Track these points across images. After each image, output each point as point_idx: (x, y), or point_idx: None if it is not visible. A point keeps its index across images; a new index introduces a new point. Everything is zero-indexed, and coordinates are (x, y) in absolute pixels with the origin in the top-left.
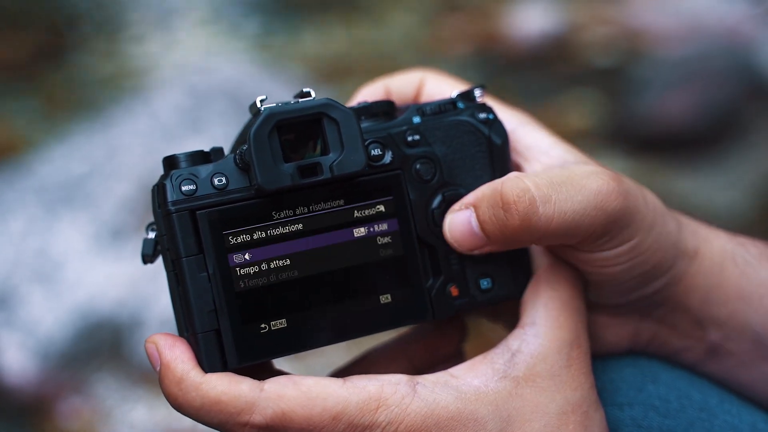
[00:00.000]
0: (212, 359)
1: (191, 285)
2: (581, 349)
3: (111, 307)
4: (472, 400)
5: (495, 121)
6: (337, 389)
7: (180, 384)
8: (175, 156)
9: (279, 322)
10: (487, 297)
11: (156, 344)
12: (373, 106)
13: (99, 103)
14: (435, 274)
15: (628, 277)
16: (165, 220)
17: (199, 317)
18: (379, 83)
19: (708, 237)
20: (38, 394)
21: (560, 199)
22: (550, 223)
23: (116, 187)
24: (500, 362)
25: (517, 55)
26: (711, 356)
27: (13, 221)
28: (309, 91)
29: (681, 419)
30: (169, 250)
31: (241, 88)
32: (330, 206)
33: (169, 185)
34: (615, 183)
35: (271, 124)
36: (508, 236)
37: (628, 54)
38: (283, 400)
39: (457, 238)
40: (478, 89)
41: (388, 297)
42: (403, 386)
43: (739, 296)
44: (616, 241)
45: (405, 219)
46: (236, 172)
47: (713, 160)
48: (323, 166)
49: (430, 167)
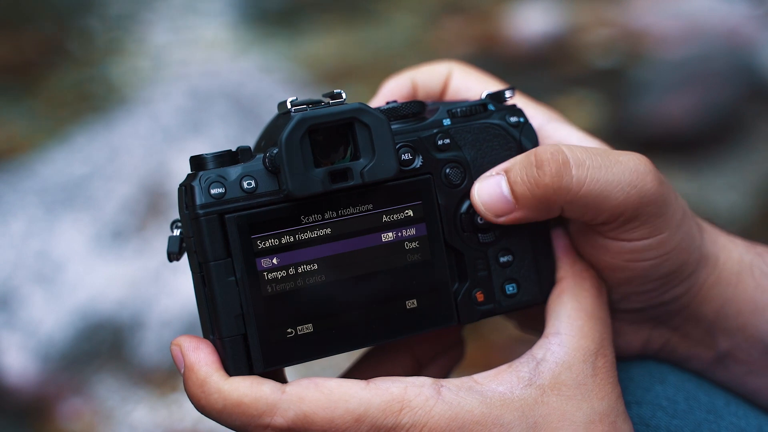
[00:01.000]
0: (238, 363)
1: (218, 289)
2: (606, 359)
3: (111, 308)
4: (497, 405)
5: (525, 125)
6: (360, 391)
7: (203, 386)
8: (203, 156)
9: (306, 327)
10: (512, 302)
11: (180, 346)
12: (403, 108)
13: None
14: (461, 279)
15: (653, 276)
16: (193, 223)
17: (226, 321)
18: (406, 76)
19: (727, 246)
20: (39, 395)
21: (594, 165)
22: (581, 186)
23: (117, 188)
24: (525, 370)
25: (518, 56)
26: (719, 363)
27: (14, 222)
28: (340, 92)
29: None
30: (196, 252)
31: (242, 90)
32: (358, 211)
33: (198, 187)
34: (652, 167)
35: (303, 129)
36: (538, 197)
37: (629, 55)
38: (304, 402)
39: (486, 201)
40: (509, 91)
41: (414, 302)
42: (428, 388)
43: (753, 309)
44: (646, 229)
45: (433, 224)
46: (265, 175)
47: (714, 161)
48: (354, 171)
49: (460, 171)
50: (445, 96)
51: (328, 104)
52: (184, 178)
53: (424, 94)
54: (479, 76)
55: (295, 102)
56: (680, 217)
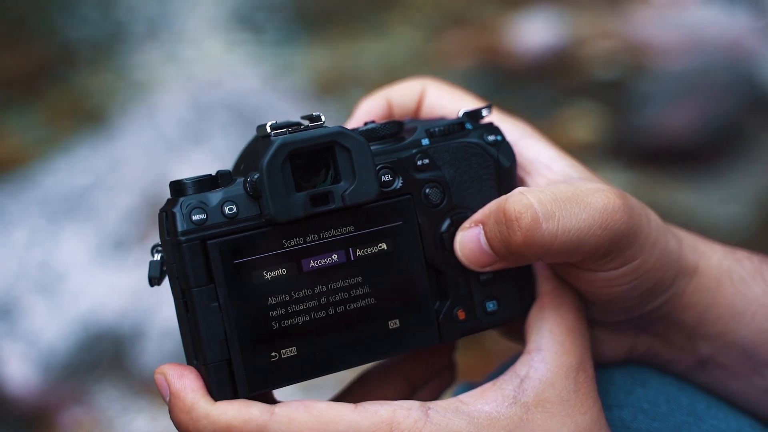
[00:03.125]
0: (223, 388)
1: (202, 316)
2: (587, 374)
3: (113, 318)
4: (484, 425)
5: (503, 143)
6: (349, 413)
7: (190, 413)
8: (182, 182)
9: (289, 350)
10: (493, 319)
11: (165, 374)
12: (381, 129)
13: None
14: (442, 298)
15: (631, 296)
16: (175, 249)
17: (210, 347)
18: (380, 95)
19: (706, 252)
20: (40, 404)
21: (564, 216)
22: (554, 239)
23: (119, 198)
24: (509, 388)
25: (520, 68)
26: (700, 367)
27: (16, 232)
28: (319, 114)
29: (669, 422)
30: (178, 278)
31: (244, 101)
32: (340, 233)
33: (179, 214)
34: (620, 201)
35: (283, 154)
36: (513, 252)
37: (631, 67)
38: (294, 423)
39: (468, 255)
40: (486, 109)
41: (396, 322)
42: (416, 411)
43: (732, 314)
44: (619, 260)
45: (414, 244)
46: (246, 200)
47: (715, 173)
48: (335, 194)
49: (439, 191)
50: (420, 113)
51: (307, 127)
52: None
53: (399, 111)
54: (453, 92)
55: (274, 125)
56: (654, 239)
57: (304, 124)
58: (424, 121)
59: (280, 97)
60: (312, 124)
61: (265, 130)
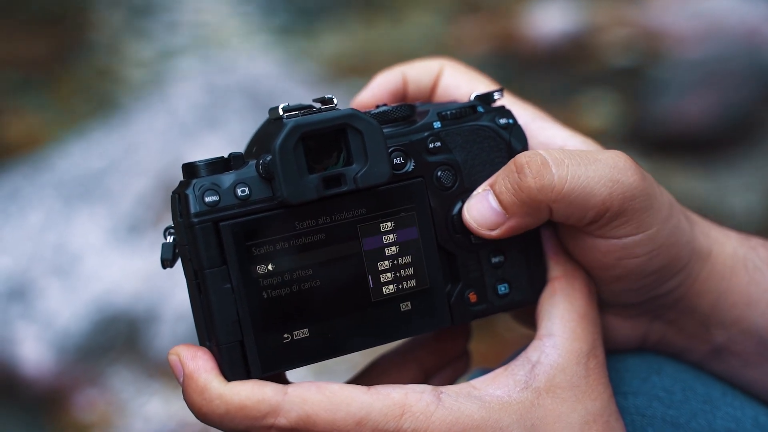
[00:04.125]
0: (236, 369)
1: (214, 297)
2: (598, 360)
3: (127, 301)
4: (496, 409)
5: (515, 126)
6: (361, 395)
7: (203, 393)
8: (195, 164)
9: (302, 332)
10: (505, 302)
11: (178, 355)
12: (393, 111)
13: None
14: (454, 280)
15: (645, 272)
16: (188, 231)
17: (223, 328)
18: (397, 71)
19: (720, 239)
20: (55, 385)
21: (573, 163)
22: (564, 182)
23: (134, 182)
24: (521, 373)
25: (535, 55)
26: (715, 356)
27: (32, 215)
28: (331, 97)
29: (684, 410)
30: (191, 260)
31: (259, 86)
32: (352, 215)
33: (192, 196)
34: (631, 162)
35: (296, 136)
36: (524, 201)
37: (647, 55)
38: (307, 403)
39: (476, 217)
40: (498, 92)
41: (408, 304)
42: (428, 395)
43: (746, 302)
44: (633, 225)
45: (426, 227)
46: (259, 182)
47: (730, 162)
48: (347, 177)
49: (451, 174)
50: (435, 93)
51: (319, 110)
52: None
53: (414, 89)
54: (470, 74)
55: (286, 108)
56: (667, 211)
57: (316, 106)
58: (436, 105)
59: (294, 82)
60: (324, 106)
61: (278, 112)
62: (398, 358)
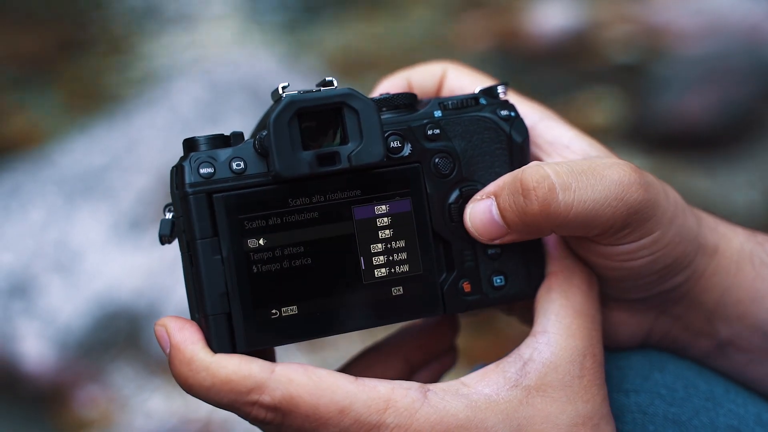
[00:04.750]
0: (221, 341)
1: (204, 267)
2: (595, 359)
3: (128, 298)
4: (482, 408)
5: (516, 119)
6: (347, 384)
7: (190, 364)
8: (195, 138)
9: (290, 309)
10: (500, 295)
11: (166, 326)
12: (395, 98)
13: (119, 96)
14: (448, 269)
15: (650, 271)
16: (182, 201)
17: (211, 299)
18: (401, 75)
19: (726, 234)
20: (56, 382)
21: (580, 187)
22: (570, 210)
23: (135, 179)
24: (512, 371)
25: (537, 51)
26: (720, 352)
27: (33, 211)
28: (332, 80)
29: (686, 407)
30: (184, 231)
31: (260, 82)
32: (346, 196)
33: (188, 167)
34: (636, 175)
35: (291, 111)
36: (527, 223)
37: (649, 51)
38: (292, 384)
39: (478, 227)
40: (501, 86)
41: (400, 289)
42: (414, 391)
43: (752, 298)
44: (637, 234)
45: (421, 212)
46: (255, 157)
47: (732, 159)
48: (341, 155)
49: (449, 162)
50: (439, 95)
51: (318, 90)
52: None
53: (419, 92)
54: (474, 75)
55: (286, 87)
56: (672, 214)
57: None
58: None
59: (296, 79)
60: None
61: (278, 92)
62: (384, 350)
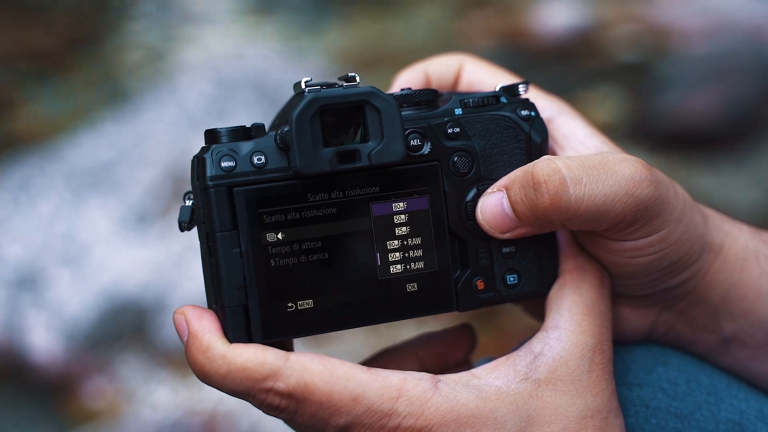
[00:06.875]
0: (238, 333)
1: (223, 260)
2: (604, 355)
3: (135, 291)
4: (492, 399)
5: (536, 119)
6: (360, 373)
7: (207, 352)
8: (217, 130)
9: (306, 303)
10: (513, 292)
11: (184, 315)
12: (416, 95)
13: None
14: (463, 266)
15: (656, 268)
16: (203, 194)
17: (229, 292)
18: (419, 67)
19: (732, 232)
20: (63, 373)
21: (591, 181)
22: (580, 204)
23: (143, 173)
24: (522, 364)
25: (542, 49)
26: (723, 348)
27: (42, 205)
28: (354, 75)
29: (688, 401)
30: (204, 223)
31: (267, 79)
32: (365, 192)
33: (209, 160)
34: (647, 171)
35: (314, 108)
36: (538, 216)
37: (653, 50)
38: (307, 372)
39: (489, 220)
40: (523, 85)
41: (414, 286)
42: (426, 381)
43: (756, 294)
44: (645, 230)
45: (438, 210)
46: (275, 152)
47: (736, 158)
48: (362, 153)
49: (468, 160)
50: (457, 88)
51: (341, 86)
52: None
53: (437, 84)
54: (491, 68)
55: (309, 83)
56: (680, 211)
57: (339, 83)
58: (461, 93)
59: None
60: (347, 84)
61: (301, 86)
62: (401, 352)
